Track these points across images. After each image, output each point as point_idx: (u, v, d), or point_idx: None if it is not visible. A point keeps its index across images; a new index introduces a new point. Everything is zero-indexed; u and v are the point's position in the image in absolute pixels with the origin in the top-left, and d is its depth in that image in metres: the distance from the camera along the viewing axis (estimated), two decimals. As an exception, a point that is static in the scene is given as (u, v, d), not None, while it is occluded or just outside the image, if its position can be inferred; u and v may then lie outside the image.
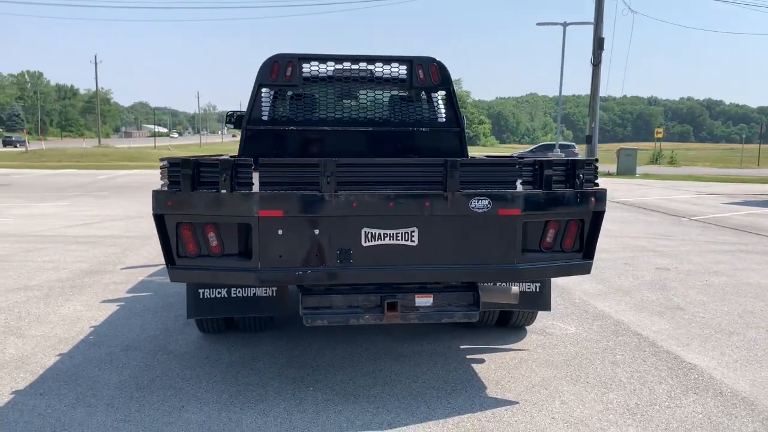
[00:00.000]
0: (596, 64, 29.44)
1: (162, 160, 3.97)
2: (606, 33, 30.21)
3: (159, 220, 3.93)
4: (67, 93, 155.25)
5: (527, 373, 4.61)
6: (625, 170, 29.89)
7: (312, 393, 4.20)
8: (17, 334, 5.39)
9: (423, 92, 7.16)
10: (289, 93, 7.00)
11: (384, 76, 7.05)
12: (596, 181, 4.23)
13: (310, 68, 6.94)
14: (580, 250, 4.26)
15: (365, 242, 3.92)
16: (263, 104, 6.90)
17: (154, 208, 3.91)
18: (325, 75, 6.94)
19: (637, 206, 16.16)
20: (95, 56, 76.51)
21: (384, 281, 4.04)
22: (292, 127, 6.94)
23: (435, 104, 7.28)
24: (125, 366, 4.66)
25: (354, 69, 7.03)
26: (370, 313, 3.99)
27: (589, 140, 30.90)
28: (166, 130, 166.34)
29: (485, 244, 3.98)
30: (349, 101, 7.18)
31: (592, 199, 4.12)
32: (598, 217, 4.20)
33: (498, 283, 4.65)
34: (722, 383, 4.45)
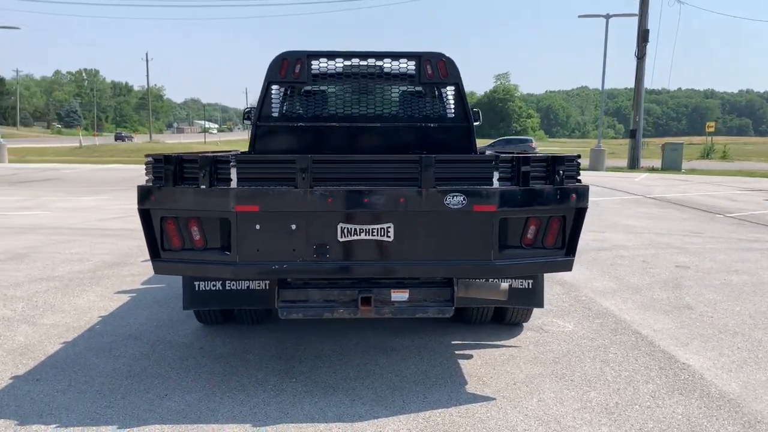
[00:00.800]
0: (641, 56, 28.77)
1: (147, 156, 4.11)
2: (652, 25, 29.46)
3: (143, 214, 4.07)
4: (122, 90, 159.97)
5: (512, 369, 4.60)
6: (670, 165, 29.12)
7: (293, 384, 4.29)
8: (30, 322, 5.65)
9: (431, 88, 7.17)
10: (298, 90, 7.10)
11: (392, 72, 7.08)
12: (578, 178, 4.19)
13: (319, 65, 7.01)
14: (563, 247, 4.22)
15: (341, 237, 3.98)
16: (273, 101, 7.01)
17: (138, 203, 4.06)
18: (333, 72, 7.01)
19: (673, 202, 15.76)
20: (146, 54, 78.52)
21: (360, 276, 4.10)
22: (301, 124, 7.03)
23: (443, 100, 7.27)
24: (122, 355, 4.84)
25: (362, 65, 7.08)
26: (345, 307, 4.06)
27: (633, 135, 30.25)
28: (216, 126, 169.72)
29: (461, 240, 4.00)
30: (357, 97, 7.23)
31: (573, 195, 4.08)
32: (580, 214, 4.15)
33: (488, 279, 4.66)
34: (712, 384, 4.35)
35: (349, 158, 4.23)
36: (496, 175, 4.04)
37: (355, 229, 3.98)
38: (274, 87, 6.98)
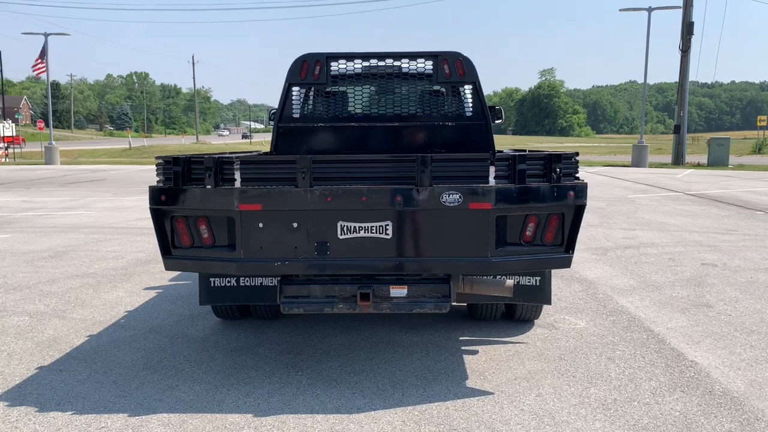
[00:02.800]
0: (685, 50, 28.10)
1: (157, 158, 4.31)
2: (705, 16, 28.69)
3: (154, 213, 4.27)
4: (170, 92, 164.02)
5: (515, 365, 4.65)
6: (717, 161, 28.34)
7: (298, 377, 4.43)
8: (60, 316, 5.94)
9: (449, 87, 7.24)
10: (318, 91, 7.26)
11: (410, 72, 7.18)
12: (577, 175, 4.22)
13: (338, 66, 7.16)
14: (562, 244, 4.26)
15: (341, 235, 4.10)
16: (293, 103, 7.19)
17: (150, 203, 4.26)
18: (352, 72, 7.15)
19: (713, 199, 15.40)
20: (192, 57, 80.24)
21: (360, 273, 4.21)
22: (320, 124, 7.19)
23: (461, 98, 7.34)
24: (141, 347, 5.07)
25: (381, 66, 7.20)
26: (345, 303, 4.18)
27: (677, 130, 29.59)
28: (262, 126, 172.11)
29: (459, 237, 4.08)
30: (376, 97, 7.36)
31: (571, 192, 4.11)
32: (578, 211, 4.19)
33: (494, 276, 4.74)
34: (717, 382, 4.32)
35: (349, 158, 4.36)
36: (492, 172, 4.11)
37: (355, 227, 4.10)
38: (295, 89, 7.16)
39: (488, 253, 4.09)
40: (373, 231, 4.10)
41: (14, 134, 42.55)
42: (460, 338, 5.25)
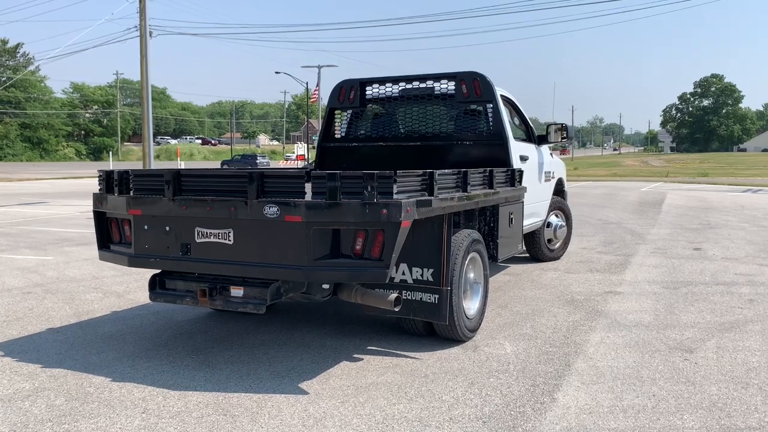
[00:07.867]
0: None
1: (98, 171, 5.49)
2: None
3: (95, 215, 5.44)
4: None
5: (371, 375, 4.77)
6: None
7: (185, 360, 5.17)
8: (121, 296, 7.49)
9: (468, 106, 7.38)
10: (354, 113, 7.94)
11: (435, 93, 7.51)
12: (394, 194, 4.29)
13: (371, 91, 7.79)
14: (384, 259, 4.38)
15: (198, 239, 4.81)
16: (333, 124, 7.98)
17: (93, 206, 5.45)
18: (383, 96, 7.72)
19: None
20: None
21: (206, 272, 4.86)
22: (354, 144, 7.87)
23: (479, 117, 7.41)
24: (127, 324, 6.28)
25: (407, 88, 7.65)
26: (191, 297, 4.86)
27: None
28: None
29: (280, 247, 4.50)
30: (403, 118, 7.77)
31: (384, 210, 4.25)
32: (393, 228, 4.28)
33: (376, 288, 4.99)
34: (538, 423, 3.99)
35: (202, 172, 5.03)
36: (309, 188, 4.45)
37: (207, 233, 4.77)
38: (335, 112, 7.95)
39: (304, 262, 4.41)
40: (220, 237, 4.72)
41: (305, 153, 50.73)
42: (368, 347, 5.47)
